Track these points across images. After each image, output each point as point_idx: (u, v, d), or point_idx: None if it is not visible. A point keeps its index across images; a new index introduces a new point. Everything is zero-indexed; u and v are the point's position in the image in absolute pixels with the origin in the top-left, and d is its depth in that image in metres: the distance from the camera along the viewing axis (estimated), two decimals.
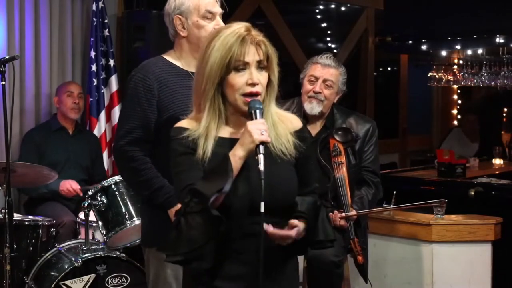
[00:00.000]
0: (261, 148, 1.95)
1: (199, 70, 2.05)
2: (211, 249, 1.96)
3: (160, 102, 2.60)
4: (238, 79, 2.00)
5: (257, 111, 2.00)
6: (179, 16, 2.68)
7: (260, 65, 2.03)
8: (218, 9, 2.70)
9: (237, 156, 1.96)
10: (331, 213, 3.43)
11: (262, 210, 1.91)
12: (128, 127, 2.62)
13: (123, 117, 2.69)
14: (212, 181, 1.92)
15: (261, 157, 1.94)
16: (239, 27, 2.02)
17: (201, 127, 2.03)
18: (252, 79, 2.00)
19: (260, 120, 1.99)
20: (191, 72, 2.66)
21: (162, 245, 2.06)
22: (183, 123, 2.08)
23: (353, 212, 3.43)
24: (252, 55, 2.00)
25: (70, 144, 4.59)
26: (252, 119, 1.99)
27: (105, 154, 4.89)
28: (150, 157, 2.64)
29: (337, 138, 3.49)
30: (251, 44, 2.00)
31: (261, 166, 1.93)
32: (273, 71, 2.08)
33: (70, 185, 4.31)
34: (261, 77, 2.03)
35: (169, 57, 2.73)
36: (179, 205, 2.58)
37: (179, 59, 2.71)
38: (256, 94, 2.01)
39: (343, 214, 3.41)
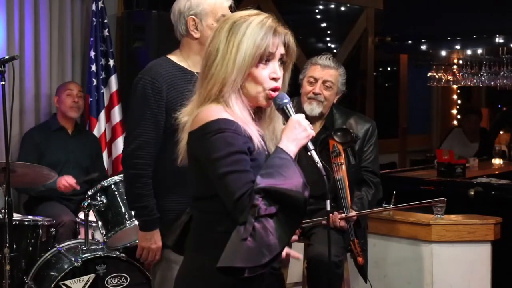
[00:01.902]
0: (310, 143, 1.90)
1: (223, 56, 1.88)
2: None
3: (168, 104, 2.59)
4: (263, 72, 1.90)
5: (289, 105, 1.94)
6: (194, 17, 2.66)
7: (282, 59, 1.95)
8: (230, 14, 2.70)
9: (291, 152, 1.85)
10: (331, 214, 3.43)
11: (328, 208, 1.88)
12: (139, 130, 2.60)
13: (132, 121, 2.67)
14: (281, 179, 1.76)
15: (314, 153, 1.89)
16: (266, 16, 1.94)
17: (239, 117, 1.86)
18: (276, 73, 1.92)
19: (302, 114, 1.92)
20: (196, 72, 2.66)
21: (232, 260, 1.75)
22: (218, 114, 1.85)
23: (353, 213, 3.43)
24: (279, 48, 1.93)
25: (70, 144, 4.59)
26: (287, 115, 1.92)
27: (104, 154, 4.89)
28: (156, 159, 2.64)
29: (337, 139, 3.48)
30: (279, 35, 1.92)
31: (320, 162, 1.87)
32: (288, 68, 2.00)
33: (65, 180, 4.31)
34: (281, 72, 1.95)
35: (175, 58, 2.71)
36: (153, 232, 2.62)
37: (186, 60, 2.69)
38: (277, 89, 1.93)
39: (343, 215, 3.41)
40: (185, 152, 1.95)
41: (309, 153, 1.89)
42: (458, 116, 8.47)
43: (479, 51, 6.40)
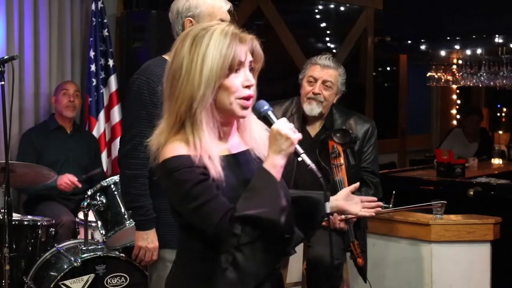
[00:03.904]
0: (298, 147, 1.81)
1: (188, 71, 1.78)
2: None
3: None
4: (235, 81, 1.80)
5: (270, 112, 1.86)
6: (191, 18, 2.65)
7: (251, 66, 1.86)
8: (228, 18, 2.68)
9: (278, 166, 1.77)
10: (330, 216, 3.43)
11: (328, 210, 1.84)
12: (134, 131, 2.60)
13: (128, 121, 2.68)
14: (262, 203, 1.73)
15: (304, 156, 1.81)
16: (227, 24, 1.85)
17: (202, 147, 1.78)
18: (249, 80, 1.83)
19: (283, 119, 1.83)
20: None
21: None
22: (175, 151, 1.78)
23: None
24: (248, 55, 1.84)
25: (68, 143, 4.59)
26: (269, 123, 1.84)
27: (104, 154, 4.89)
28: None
29: (336, 140, 3.48)
30: (246, 42, 1.83)
31: (313, 165, 1.81)
32: (256, 74, 1.90)
33: (67, 178, 4.31)
34: (253, 79, 1.86)
35: (170, 58, 2.71)
36: (150, 232, 2.63)
37: None
38: (251, 97, 1.85)
39: (343, 216, 3.40)
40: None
41: (299, 159, 1.82)
42: (458, 116, 8.47)
43: (479, 51, 6.39)
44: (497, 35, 5.77)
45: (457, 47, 6.22)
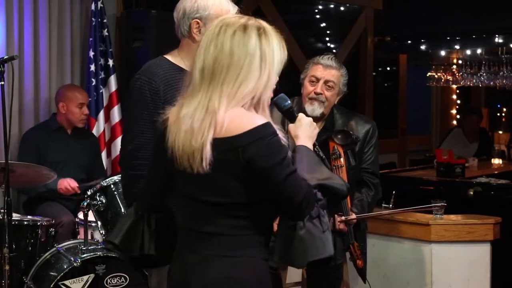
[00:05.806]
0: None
1: (263, 61, 1.98)
2: None
3: (166, 104, 2.58)
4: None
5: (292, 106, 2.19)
6: (198, 20, 2.65)
7: None
8: None
9: (311, 147, 2.09)
10: (330, 217, 3.42)
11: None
12: (136, 131, 2.58)
13: (130, 122, 2.65)
14: (325, 175, 1.99)
15: (318, 148, 2.14)
16: (272, 26, 2.08)
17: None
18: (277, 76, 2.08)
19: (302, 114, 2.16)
20: None
21: (325, 251, 1.95)
22: (259, 119, 1.93)
23: (353, 216, 3.41)
24: None
25: (69, 143, 4.58)
26: (294, 115, 2.14)
27: (103, 154, 4.89)
28: None
29: (337, 141, 3.46)
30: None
31: (324, 156, 2.13)
32: None
33: (68, 183, 4.31)
34: None
35: (172, 58, 2.70)
36: None
37: (183, 60, 2.67)
38: None
39: (343, 218, 3.40)
40: (209, 156, 1.89)
41: (315, 148, 2.08)
42: (458, 116, 8.47)
43: (479, 51, 6.39)
44: (497, 35, 5.76)
45: (457, 47, 6.22)
